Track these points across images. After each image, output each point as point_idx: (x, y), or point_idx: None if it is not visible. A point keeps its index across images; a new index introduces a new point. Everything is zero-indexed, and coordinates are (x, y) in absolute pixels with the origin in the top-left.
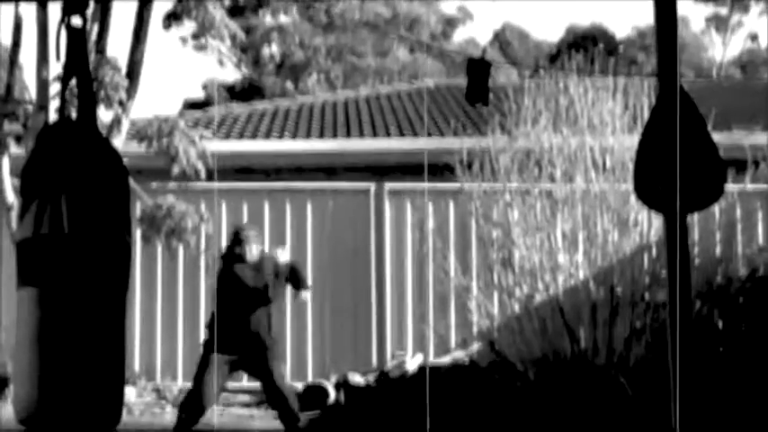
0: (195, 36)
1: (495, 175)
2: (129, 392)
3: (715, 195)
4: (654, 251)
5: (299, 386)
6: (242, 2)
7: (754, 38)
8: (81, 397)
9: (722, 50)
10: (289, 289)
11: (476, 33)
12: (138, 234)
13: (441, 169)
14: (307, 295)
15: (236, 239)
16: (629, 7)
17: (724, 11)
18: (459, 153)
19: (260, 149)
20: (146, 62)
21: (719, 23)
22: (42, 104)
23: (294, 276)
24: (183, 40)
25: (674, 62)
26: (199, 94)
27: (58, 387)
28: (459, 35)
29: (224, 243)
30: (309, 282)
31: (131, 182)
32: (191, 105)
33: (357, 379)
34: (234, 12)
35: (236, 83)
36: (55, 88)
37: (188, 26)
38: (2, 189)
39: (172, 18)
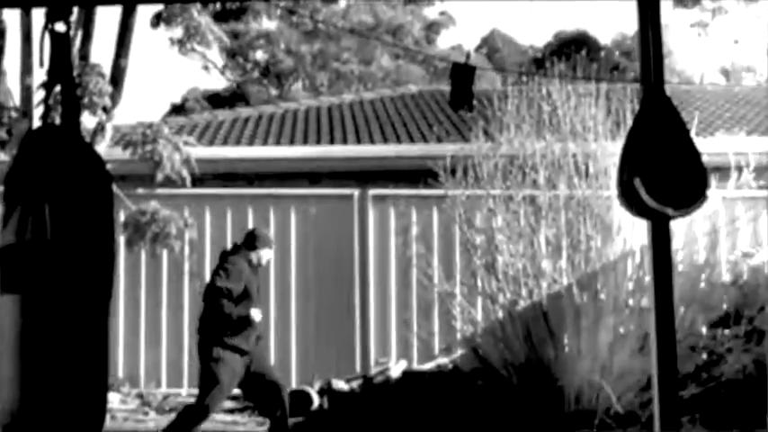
0: (181, 41)
1: (479, 182)
2: (113, 399)
3: (698, 201)
4: (637, 257)
5: None
6: (228, 6)
7: (736, 42)
8: (64, 403)
9: (704, 56)
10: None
11: (461, 39)
12: (121, 240)
13: (424, 175)
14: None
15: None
16: (616, 13)
17: (706, 16)
18: (442, 159)
19: (244, 155)
20: (131, 65)
21: (701, 29)
22: (26, 111)
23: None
24: (172, 42)
25: (659, 67)
26: (183, 100)
27: (40, 393)
28: (445, 41)
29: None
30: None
31: (115, 188)
32: (176, 109)
33: (341, 385)
34: (219, 17)
35: (221, 90)
36: (39, 95)
37: (175, 29)
38: None
39: (160, 18)
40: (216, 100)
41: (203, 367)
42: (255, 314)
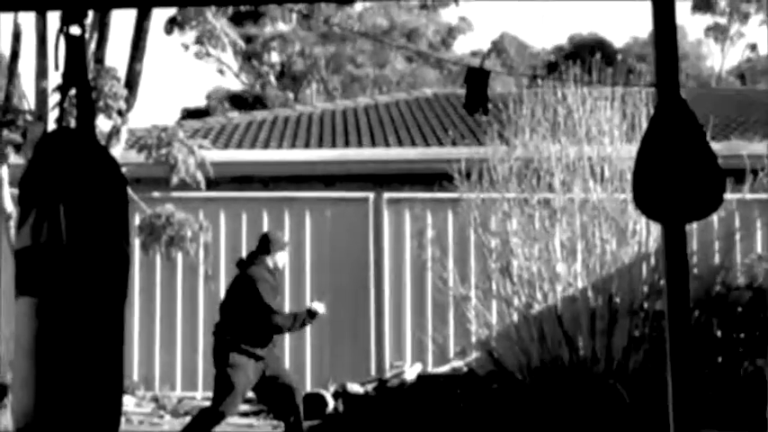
0: (199, 40)
1: (494, 185)
2: (128, 402)
3: (714, 205)
4: (652, 260)
5: None
6: (244, 10)
7: (753, 48)
8: (79, 406)
9: (720, 60)
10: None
11: (478, 44)
12: (136, 243)
13: (439, 178)
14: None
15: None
16: (629, 16)
17: (723, 20)
18: (457, 162)
19: (259, 159)
20: (146, 69)
21: (718, 33)
22: (41, 114)
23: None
24: (185, 47)
25: (674, 71)
26: (198, 103)
27: (56, 396)
28: (462, 46)
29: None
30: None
31: (130, 191)
32: (189, 114)
33: (356, 388)
34: (234, 20)
35: (241, 92)
36: (54, 98)
37: (189, 33)
38: (1, 198)
39: (174, 23)
40: (238, 101)
41: (219, 372)
42: (319, 307)
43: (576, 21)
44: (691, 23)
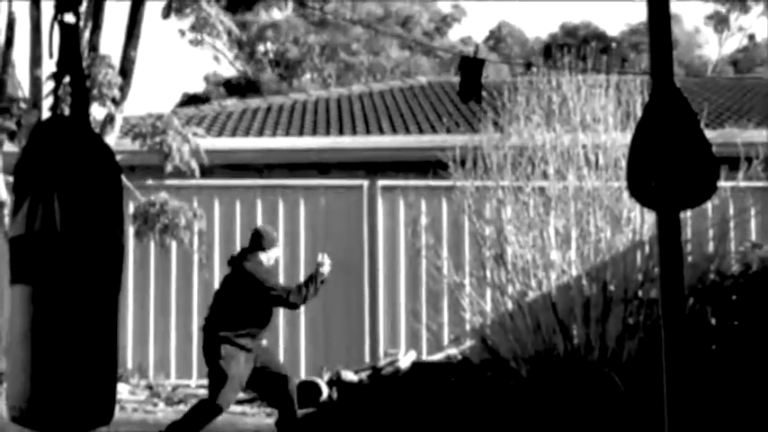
0: (193, 28)
1: (488, 173)
2: (122, 389)
3: (708, 192)
4: (647, 248)
5: None
6: None
7: (751, 38)
8: (73, 394)
9: (718, 49)
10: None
11: (472, 32)
12: (131, 231)
13: (434, 166)
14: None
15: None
16: (623, 5)
17: (724, 9)
18: (452, 150)
19: (253, 146)
20: (144, 55)
21: (718, 22)
22: (35, 102)
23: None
24: (182, 33)
25: (668, 59)
26: (197, 88)
27: (50, 384)
28: (457, 33)
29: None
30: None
31: (124, 179)
32: (190, 99)
33: (350, 376)
34: (229, 7)
35: (238, 77)
36: (48, 86)
37: (186, 20)
38: None
39: (170, 9)
40: (235, 88)
41: (211, 366)
42: (325, 258)
43: (571, 9)
44: (686, 12)
